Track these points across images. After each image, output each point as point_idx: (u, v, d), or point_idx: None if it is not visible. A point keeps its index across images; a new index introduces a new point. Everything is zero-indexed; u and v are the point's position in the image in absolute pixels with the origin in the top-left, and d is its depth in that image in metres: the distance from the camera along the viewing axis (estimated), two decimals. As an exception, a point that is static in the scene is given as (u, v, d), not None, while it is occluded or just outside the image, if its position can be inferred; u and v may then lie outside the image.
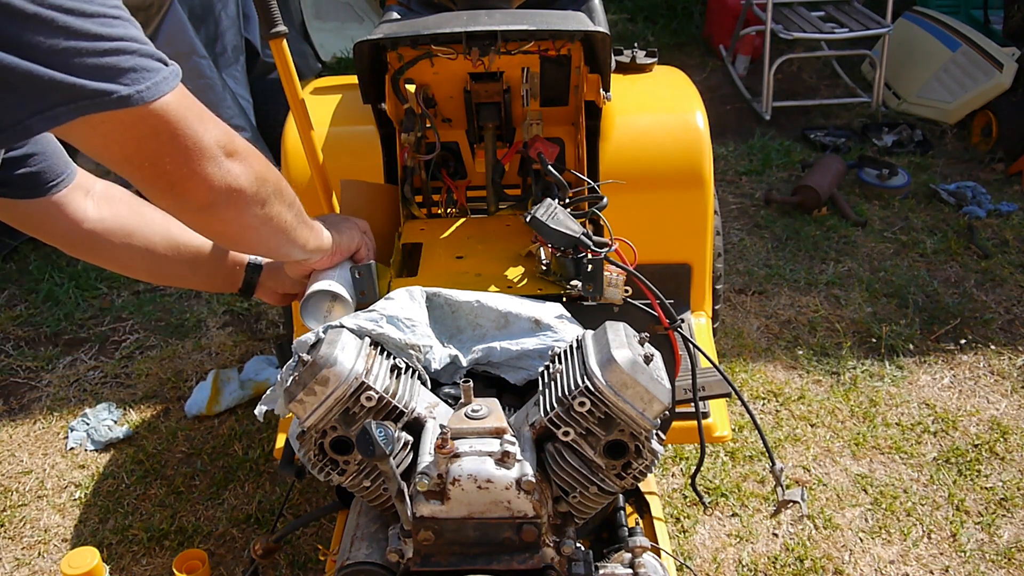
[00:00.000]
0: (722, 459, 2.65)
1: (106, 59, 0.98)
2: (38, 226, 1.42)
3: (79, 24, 0.96)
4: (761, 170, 4.44)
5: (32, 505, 2.59)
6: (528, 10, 1.93)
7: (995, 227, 3.86)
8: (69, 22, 0.95)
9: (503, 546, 1.22)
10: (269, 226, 1.27)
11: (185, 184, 1.10)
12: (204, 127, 1.10)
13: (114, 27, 0.99)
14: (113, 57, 0.98)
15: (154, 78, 1.02)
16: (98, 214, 1.44)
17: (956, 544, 2.36)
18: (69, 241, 1.45)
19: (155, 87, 1.02)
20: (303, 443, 1.28)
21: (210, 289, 1.72)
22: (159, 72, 1.03)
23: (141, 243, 1.49)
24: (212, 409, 2.88)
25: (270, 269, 1.64)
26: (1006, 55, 4.50)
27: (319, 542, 2.35)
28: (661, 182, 2.10)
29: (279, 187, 1.26)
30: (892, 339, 3.15)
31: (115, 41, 0.99)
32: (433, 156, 1.91)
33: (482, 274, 1.65)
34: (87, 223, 1.43)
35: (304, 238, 1.39)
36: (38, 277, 3.62)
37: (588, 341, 1.27)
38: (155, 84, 1.02)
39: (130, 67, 1.00)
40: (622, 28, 6.24)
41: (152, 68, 1.02)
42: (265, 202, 1.22)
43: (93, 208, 1.44)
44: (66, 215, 1.41)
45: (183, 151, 1.08)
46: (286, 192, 1.29)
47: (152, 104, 1.02)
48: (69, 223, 1.42)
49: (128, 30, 1.02)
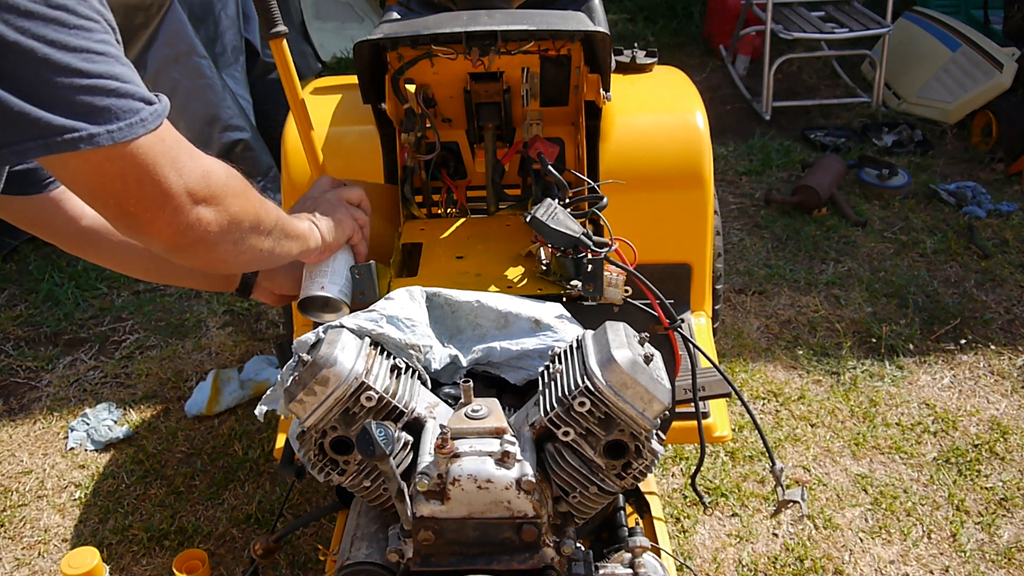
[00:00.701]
0: (722, 459, 2.65)
1: (83, 97, 0.96)
2: (36, 223, 1.42)
3: (60, 57, 0.94)
4: (761, 170, 4.44)
5: (32, 505, 2.59)
6: (528, 10, 1.93)
7: (995, 227, 3.86)
8: (50, 55, 0.94)
9: (503, 546, 1.22)
10: (244, 256, 1.25)
11: (149, 227, 1.09)
12: (176, 171, 1.07)
13: (96, 63, 0.98)
14: (90, 96, 0.97)
15: (130, 119, 1.00)
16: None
17: (956, 544, 2.36)
18: (67, 238, 1.45)
19: (128, 128, 1.00)
20: (303, 443, 1.28)
21: (208, 288, 1.72)
22: (137, 113, 1.01)
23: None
24: (212, 409, 2.88)
25: (267, 270, 1.63)
26: (1006, 55, 4.50)
27: (319, 542, 2.35)
28: (661, 182, 2.10)
29: (256, 221, 1.23)
30: (892, 339, 3.15)
31: (94, 79, 0.97)
32: (433, 156, 1.91)
33: (482, 274, 1.65)
34: (85, 220, 1.44)
35: (286, 252, 1.36)
36: (38, 277, 3.62)
37: (588, 341, 1.27)
38: (129, 126, 1.00)
39: (105, 106, 0.98)
40: (622, 28, 6.24)
41: (129, 108, 1.00)
42: (237, 240, 1.20)
43: None
44: (64, 211, 1.41)
45: (148, 197, 1.06)
46: (265, 221, 1.25)
47: (122, 145, 1.00)
48: (67, 219, 1.42)
49: (111, 67, 1.00)
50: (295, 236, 1.38)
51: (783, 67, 5.14)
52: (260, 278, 1.64)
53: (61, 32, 0.95)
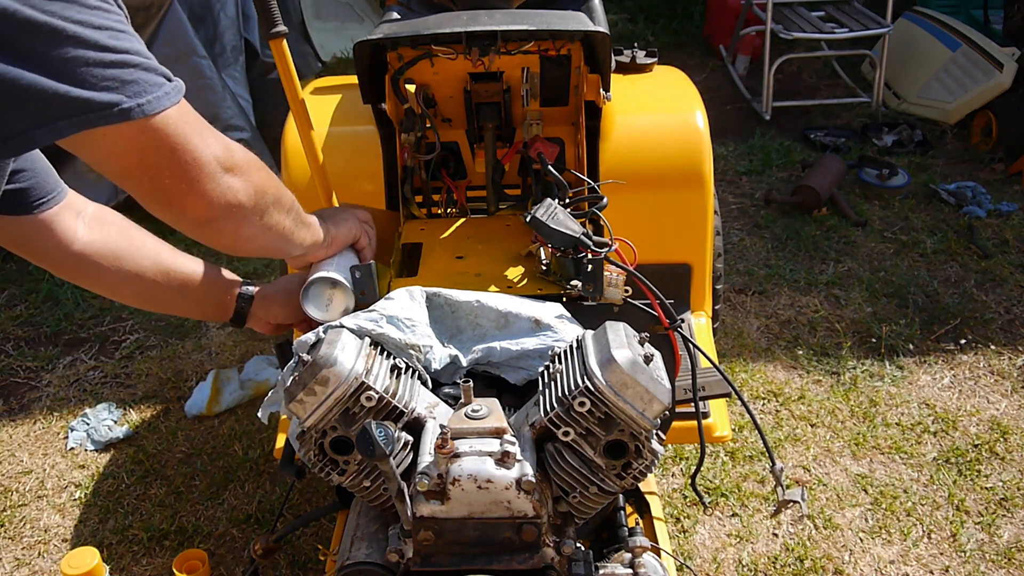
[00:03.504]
0: (722, 459, 2.65)
1: (112, 71, 0.98)
2: (25, 244, 1.39)
3: (88, 35, 0.96)
4: (761, 170, 4.44)
5: (32, 505, 2.59)
6: (528, 10, 1.93)
7: (995, 227, 3.86)
8: (78, 32, 0.96)
9: (503, 546, 1.22)
10: (268, 235, 1.28)
11: (183, 200, 1.11)
12: (204, 142, 1.10)
13: (120, 40, 1.00)
14: (118, 69, 0.99)
15: (156, 92, 1.03)
16: (88, 236, 1.41)
17: (956, 544, 2.36)
18: (56, 261, 1.42)
19: (157, 101, 1.02)
20: (303, 443, 1.28)
21: (201, 317, 1.70)
22: (162, 86, 1.04)
23: (131, 267, 1.45)
24: (212, 409, 2.88)
25: (261, 299, 1.61)
26: (1006, 55, 4.50)
27: (319, 542, 2.35)
28: (661, 182, 2.10)
29: (278, 195, 1.27)
30: (892, 339, 3.15)
31: (121, 54, 1.00)
32: (433, 156, 1.91)
33: (482, 274, 1.65)
34: (76, 244, 1.40)
35: (301, 238, 1.39)
36: (38, 277, 3.62)
37: (588, 341, 1.27)
38: (157, 98, 1.02)
39: (133, 80, 1.00)
40: (622, 28, 6.24)
41: (155, 82, 1.03)
42: (264, 213, 1.23)
43: (84, 230, 1.41)
44: (54, 235, 1.38)
45: (182, 166, 1.08)
46: (285, 198, 1.29)
47: (153, 118, 1.02)
48: (57, 243, 1.38)
49: (133, 44, 1.02)
50: (308, 223, 1.40)
51: (783, 67, 5.14)
52: (255, 307, 1.61)
53: (84, 12, 0.96)
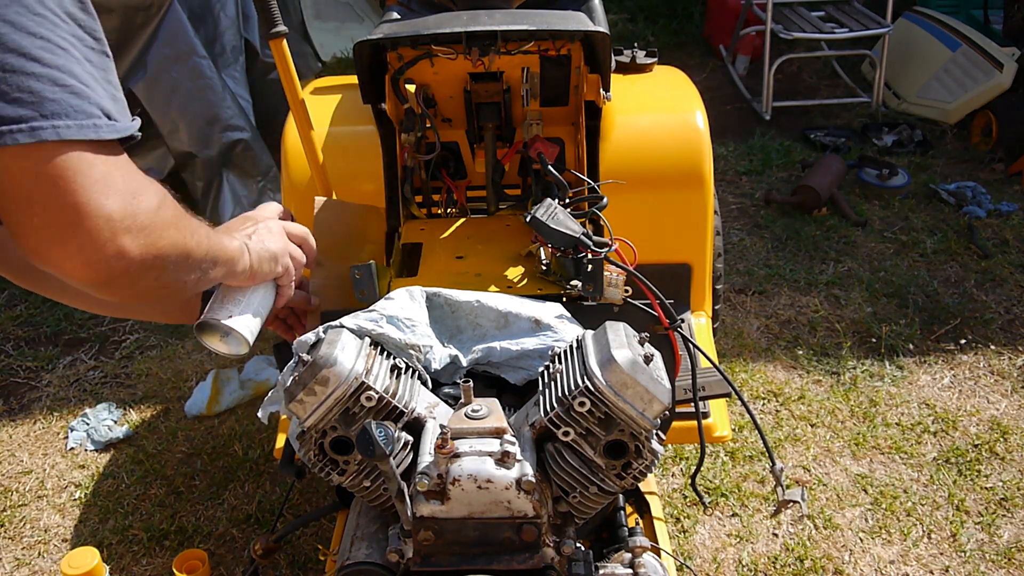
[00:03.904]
0: (722, 459, 2.65)
1: (32, 82, 0.88)
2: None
3: (14, 38, 0.87)
4: (761, 170, 4.44)
5: (32, 505, 2.59)
6: (528, 10, 1.93)
7: (995, 227, 3.86)
8: (4, 32, 0.87)
9: (503, 546, 1.22)
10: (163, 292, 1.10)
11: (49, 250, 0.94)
12: (105, 195, 0.93)
13: (56, 55, 0.89)
14: (38, 82, 0.88)
15: (79, 120, 0.90)
16: None
17: (956, 544, 2.36)
18: (17, 270, 1.35)
19: (76, 129, 0.90)
20: (303, 443, 1.28)
21: (168, 321, 1.61)
22: (89, 117, 0.91)
23: None
24: (212, 409, 2.88)
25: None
26: (1006, 55, 4.50)
27: (319, 542, 2.35)
28: (661, 182, 2.10)
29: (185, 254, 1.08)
30: (892, 339, 3.15)
31: (50, 68, 0.89)
32: (433, 156, 1.91)
33: (482, 274, 1.65)
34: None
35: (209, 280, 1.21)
36: (38, 277, 3.62)
37: (588, 341, 1.27)
38: (78, 126, 0.90)
39: (54, 99, 0.89)
40: (622, 28, 6.24)
41: (82, 110, 0.91)
42: (160, 273, 1.05)
43: None
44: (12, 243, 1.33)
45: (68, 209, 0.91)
46: (193, 254, 1.10)
47: (62, 144, 0.89)
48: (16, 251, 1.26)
49: (71, 65, 0.91)
50: (223, 261, 1.22)
51: (783, 67, 5.14)
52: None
53: (22, 15, 0.87)
